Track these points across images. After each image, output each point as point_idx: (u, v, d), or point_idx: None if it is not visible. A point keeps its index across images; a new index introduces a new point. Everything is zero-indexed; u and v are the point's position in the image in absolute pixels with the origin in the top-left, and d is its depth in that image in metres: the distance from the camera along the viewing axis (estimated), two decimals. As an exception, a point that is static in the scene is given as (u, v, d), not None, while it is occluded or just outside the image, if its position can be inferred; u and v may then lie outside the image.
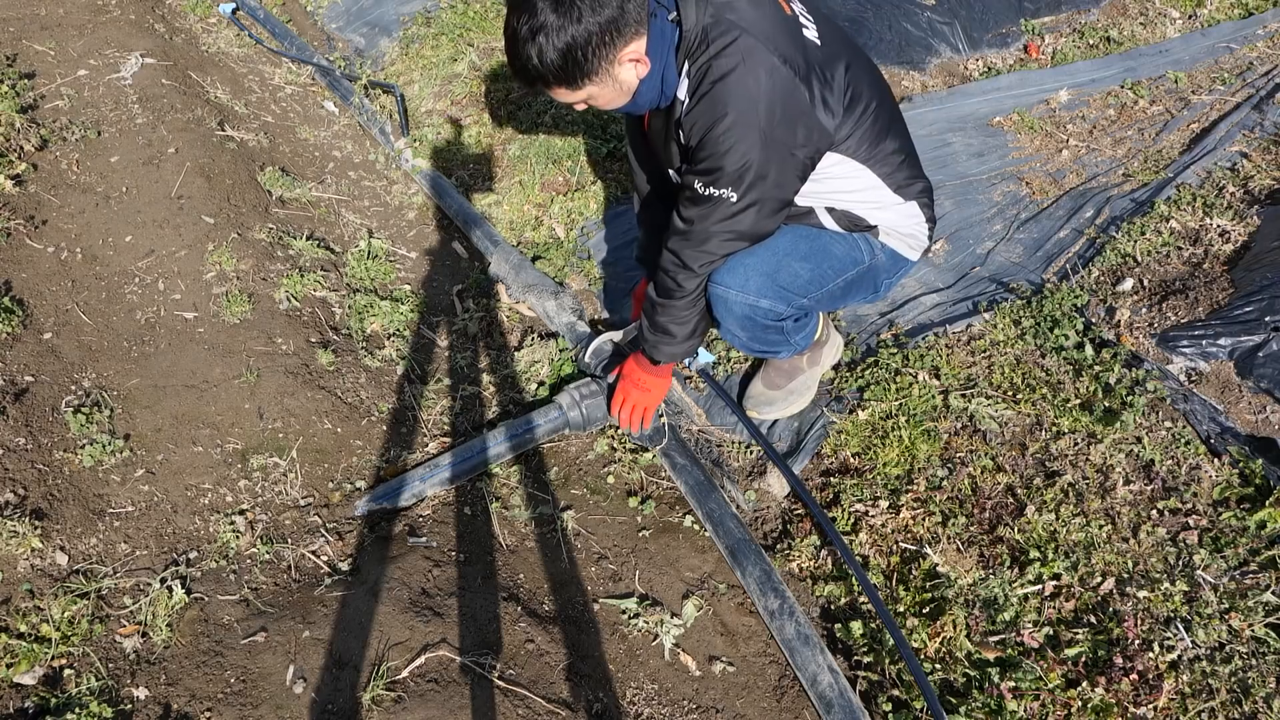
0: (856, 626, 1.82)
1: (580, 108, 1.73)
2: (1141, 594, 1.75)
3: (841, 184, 1.83)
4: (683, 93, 1.65)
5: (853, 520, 2.03)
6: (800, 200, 1.85)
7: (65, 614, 1.69)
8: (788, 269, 1.87)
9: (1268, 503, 1.88)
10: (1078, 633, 1.71)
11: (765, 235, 1.80)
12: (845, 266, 1.95)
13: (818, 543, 2.02)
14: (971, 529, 1.95)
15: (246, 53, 4.01)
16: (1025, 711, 1.59)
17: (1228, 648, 1.65)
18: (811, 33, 1.67)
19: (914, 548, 1.92)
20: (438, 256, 3.03)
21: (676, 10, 1.60)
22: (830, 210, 1.89)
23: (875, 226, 1.93)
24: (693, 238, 1.76)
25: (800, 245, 1.90)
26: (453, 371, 2.56)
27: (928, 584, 1.85)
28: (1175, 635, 1.67)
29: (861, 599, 1.88)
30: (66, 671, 1.61)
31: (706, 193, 1.68)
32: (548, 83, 1.61)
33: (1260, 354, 2.24)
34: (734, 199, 1.67)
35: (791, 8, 1.69)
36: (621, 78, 1.62)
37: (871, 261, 1.97)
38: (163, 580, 1.80)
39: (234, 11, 4.26)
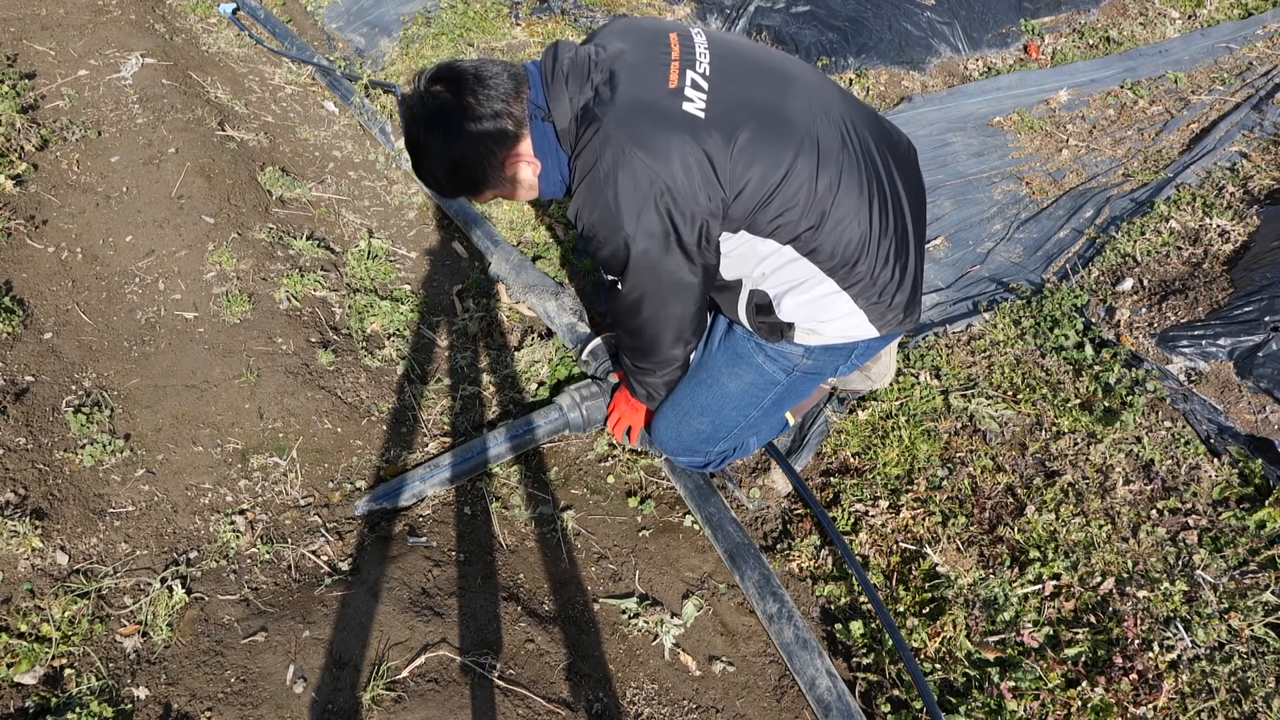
0: (856, 627, 1.82)
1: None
2: (1141, 594, 1.75)
3: (756, 263, 1.70)
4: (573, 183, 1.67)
5: (853, 520, 2.03)
6: (726, 274, 1.77)
7: (65, 614, 1.69)
8: (688, 428, 1.94)
9: (1267, 502, 1.88)
10: (1078, 632, 1.71)
11: (679, 315, 1.71)
12: (755, 397, 1.89)
13: (818, 542, 2.02)
14: (971, 529, 1.95)
15: (247, 53, 4.01)
16: (1025, 711, 1.59)
17: (1227, 647, 1.65)
18: (696, 105, 1.52)
19: (914, 548, 1.93)
20: (438, 256, 3.03)
21: (548, 108, 1.58)
22: (749, 298, 1.77)
23: (790, 324, 1.75)
24: (614, 315, 1.80)
25: (699, 395, 1.92)
26: (453, 371, 2.56)
27: (928, 584, 1.85)
28: (1175, 635, 1.67)
29: (861, 599, 1.88)
30: (67, 671, 1.62)
31: (605, 278, 1.72)
32: (451, 195, 1.69)
33: (1260, 354, 2.24)
34: (621, 286, 1.68)
35: (682, 78, 1.55)
36: (519, 178, 1.65)
37: (790, 378, 1.86)
38: (163, 580, 1.80)
39: (234, 11, 4.26)
